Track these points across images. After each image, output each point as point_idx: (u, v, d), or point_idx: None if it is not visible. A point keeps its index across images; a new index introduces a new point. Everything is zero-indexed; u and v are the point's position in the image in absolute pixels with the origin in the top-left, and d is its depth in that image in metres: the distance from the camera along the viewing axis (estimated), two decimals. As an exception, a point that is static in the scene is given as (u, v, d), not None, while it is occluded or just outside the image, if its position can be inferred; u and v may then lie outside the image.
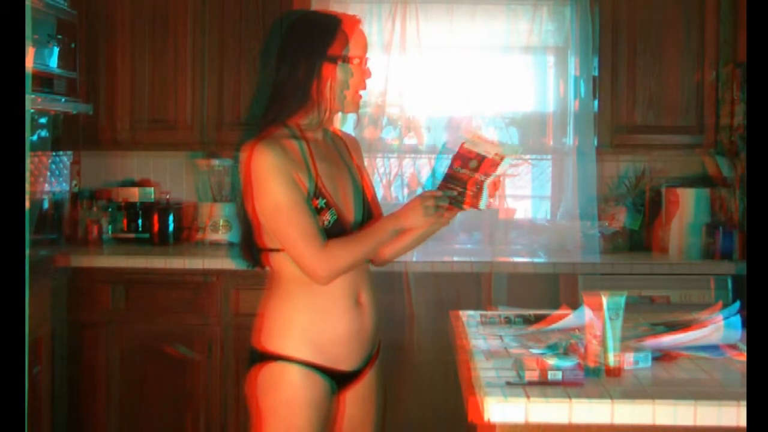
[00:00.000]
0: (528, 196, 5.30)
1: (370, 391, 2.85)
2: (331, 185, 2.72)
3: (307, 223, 2.62)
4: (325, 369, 2.70)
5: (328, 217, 2.67)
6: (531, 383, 2.22)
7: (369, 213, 2.81)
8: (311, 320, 2.68)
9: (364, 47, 2.78)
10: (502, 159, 2.75)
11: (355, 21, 2.77)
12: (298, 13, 2.86)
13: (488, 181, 2.74)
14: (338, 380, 2.75)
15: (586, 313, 2.42)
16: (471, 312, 3.07)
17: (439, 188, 2.75)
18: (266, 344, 2.70)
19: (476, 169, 2.74)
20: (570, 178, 4.90)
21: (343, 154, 2.87)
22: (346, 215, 2.73)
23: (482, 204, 2.74)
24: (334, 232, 2.67)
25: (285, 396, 2.67)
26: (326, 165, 2.74)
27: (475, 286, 4.45)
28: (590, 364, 2.35)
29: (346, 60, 2.72)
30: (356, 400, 2.83)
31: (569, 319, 2.82)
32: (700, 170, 5.03)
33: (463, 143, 2.81)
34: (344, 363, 2.73)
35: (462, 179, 2.75)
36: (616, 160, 5.12)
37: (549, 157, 5.15)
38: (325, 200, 2.67)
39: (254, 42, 4.87)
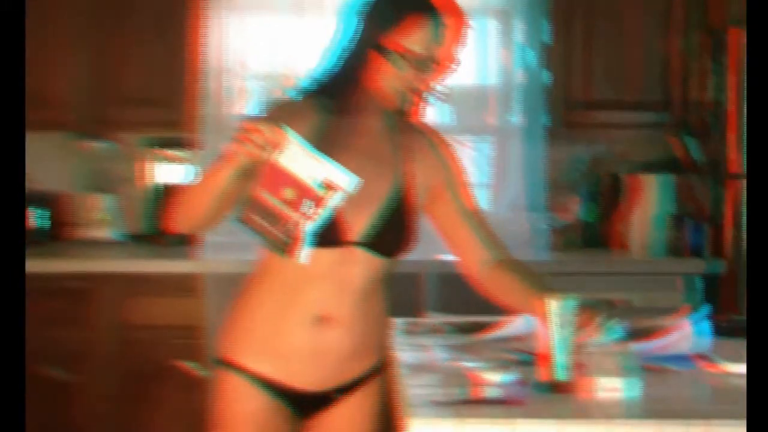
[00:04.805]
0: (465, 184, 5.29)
1: (348, 425, 2.80)
2: None
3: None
4: (278, 384, 2.69)
5: None
6: (464, 402, 2.22)
7: (393, 228, 2.69)
8: (262, 328, 2.69)
9: (448, 42, 2.66)
10: (334, 192, 2.40)
11: (448, 7, 2.68)
12: None
13: (310, 227, 2.41)
14: (299, 403, 2.73)
15: (533, 320, 2.46)
16: (396, 319, 3.05)
17: (244, 219, 2.46)
18: (221, 349, 2.76)
19: (292, 204, 2.40)
20: (514, 162, 4.93)
21: (394, 152, 2.75)
22: (342, 219, 2.58)
23: (300, 257, 2.43)
24: (324, 235, 2.54)
25: (230, 409, 2.72)
26: (345, 154, 2.58)
27: (403, 289, 4.40)
28: (540, 379, 2.36)
29: (402, 53, 2.61)
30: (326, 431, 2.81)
31: (512, 326, 2.85)
32: (665, 153, 5.07)
33: (274, 151, 2.40)
34: (301, 380, 2.70)
35: (271, 211, 2.43)
36: (569, 141, 5.14)
37: (490, 138, 5.15)
38: None
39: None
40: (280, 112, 2.65)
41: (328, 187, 2.37)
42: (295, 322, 2.67)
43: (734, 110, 4.48)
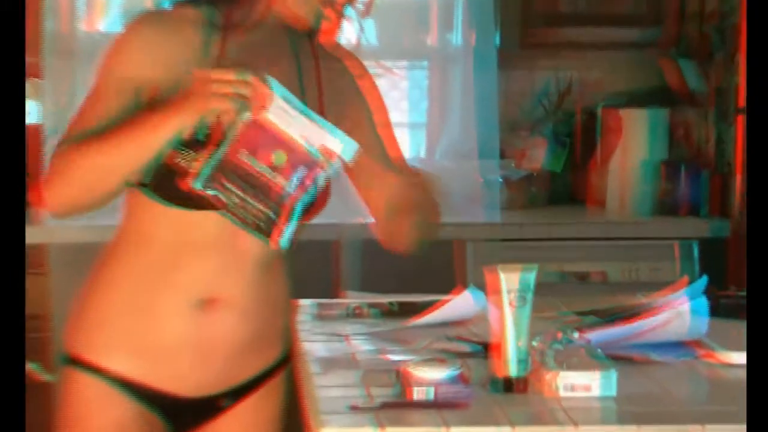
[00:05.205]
0: (393, 124, 5.29)
1: None
2: None
3: (92, 115, 2.54)
4: (145, 388, 2.68)
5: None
6: (392, 405, 2.24)
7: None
8: (124, 315, 2.69)
9: None
10: (330, 159, 2.46)
11: None
12: None
13: (301, 203, 2.46)
14: (175, 411, 2.73)
15: (481, 298, 2.54)
16: (306, 301, 3.09)
17: (213, 187, 2.45)
18: (70, 343, 2.74)
19: (282, 170, 2.44)
20: (458, 94, 4.97)
21: (301, 84, 2.74)
22: None
23: (284, 240, 2.47)
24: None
25: (82, 420, 2.71)
26: None
27: (314, 262, 4.43)
28: (491, 375, 2.38)
29: None
30: None
31: (455, 307, 2.87)
32: (654, 81, 5.13)
33: (258, 106, 2.44)
34: (178, 383, 2.71)
35: (254, 179, 2.45)
36: (530, 67, 5.22)
37: (426, 64, 5.19)
38: (207, 135, 2.53)
39: None
40: (146, 27, 2.63)
41: (325, 153, 2.42)
42: (170, 307, 2.67)
43: (745, 24, 4.48)
